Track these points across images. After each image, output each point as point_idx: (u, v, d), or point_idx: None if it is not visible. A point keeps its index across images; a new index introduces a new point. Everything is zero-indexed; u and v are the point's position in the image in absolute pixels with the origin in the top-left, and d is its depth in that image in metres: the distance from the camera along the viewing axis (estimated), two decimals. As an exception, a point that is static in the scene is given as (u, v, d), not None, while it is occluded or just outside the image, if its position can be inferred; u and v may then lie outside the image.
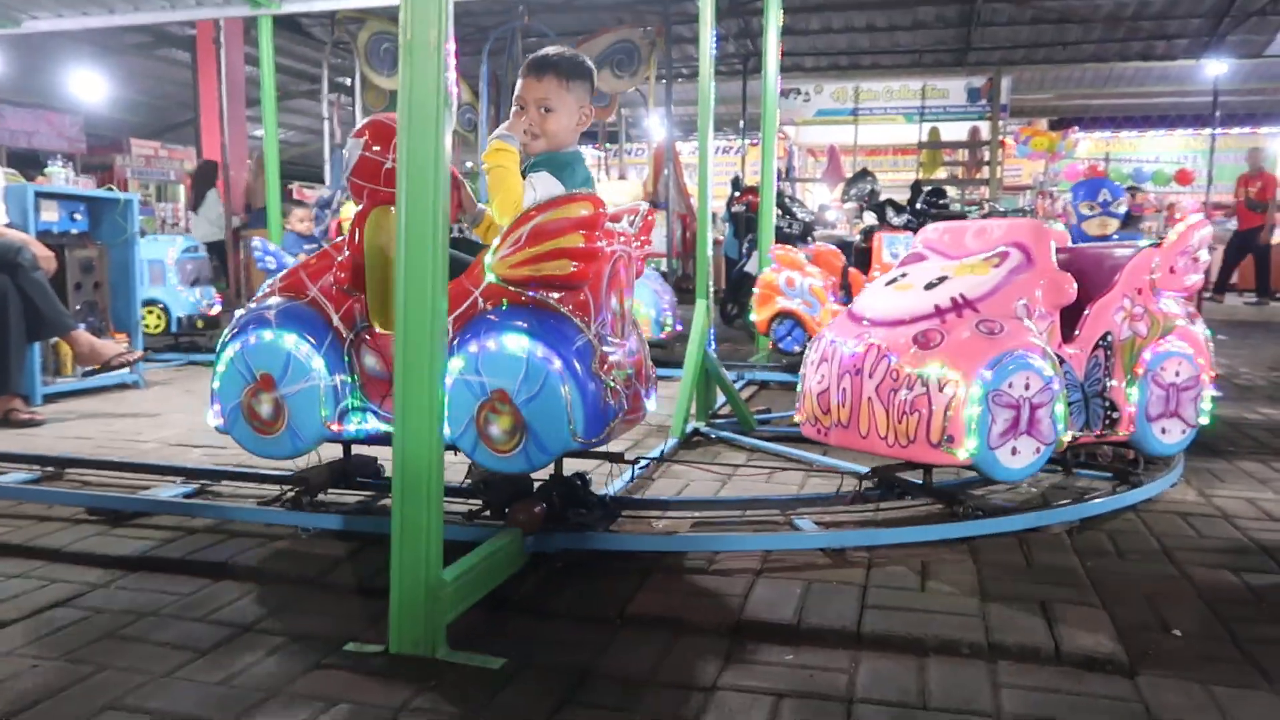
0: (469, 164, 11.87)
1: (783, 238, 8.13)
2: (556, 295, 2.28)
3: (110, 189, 5.77)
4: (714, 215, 10.63)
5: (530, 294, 2.29)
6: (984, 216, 9.79)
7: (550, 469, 2.50)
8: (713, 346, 4.22)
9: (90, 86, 14.40)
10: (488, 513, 2.53)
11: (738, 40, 13.68)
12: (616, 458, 2.70)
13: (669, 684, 1.77)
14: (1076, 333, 2.81)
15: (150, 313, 7.09)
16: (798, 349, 6.02)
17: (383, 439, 2.50)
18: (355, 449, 2.83)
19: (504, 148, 2.39)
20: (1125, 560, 2.43)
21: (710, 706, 1.68)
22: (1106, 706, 1.68)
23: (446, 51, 1.80)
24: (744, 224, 9.12)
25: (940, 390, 2.47)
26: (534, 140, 2.47)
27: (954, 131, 15.27)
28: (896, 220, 8.64)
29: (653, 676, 1.80)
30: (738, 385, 5.02)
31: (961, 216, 9.82)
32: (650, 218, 2.68)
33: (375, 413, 2.49)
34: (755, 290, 6.21)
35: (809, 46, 14.52)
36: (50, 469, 3.23)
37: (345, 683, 1.76)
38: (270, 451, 2.54)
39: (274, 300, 2.55)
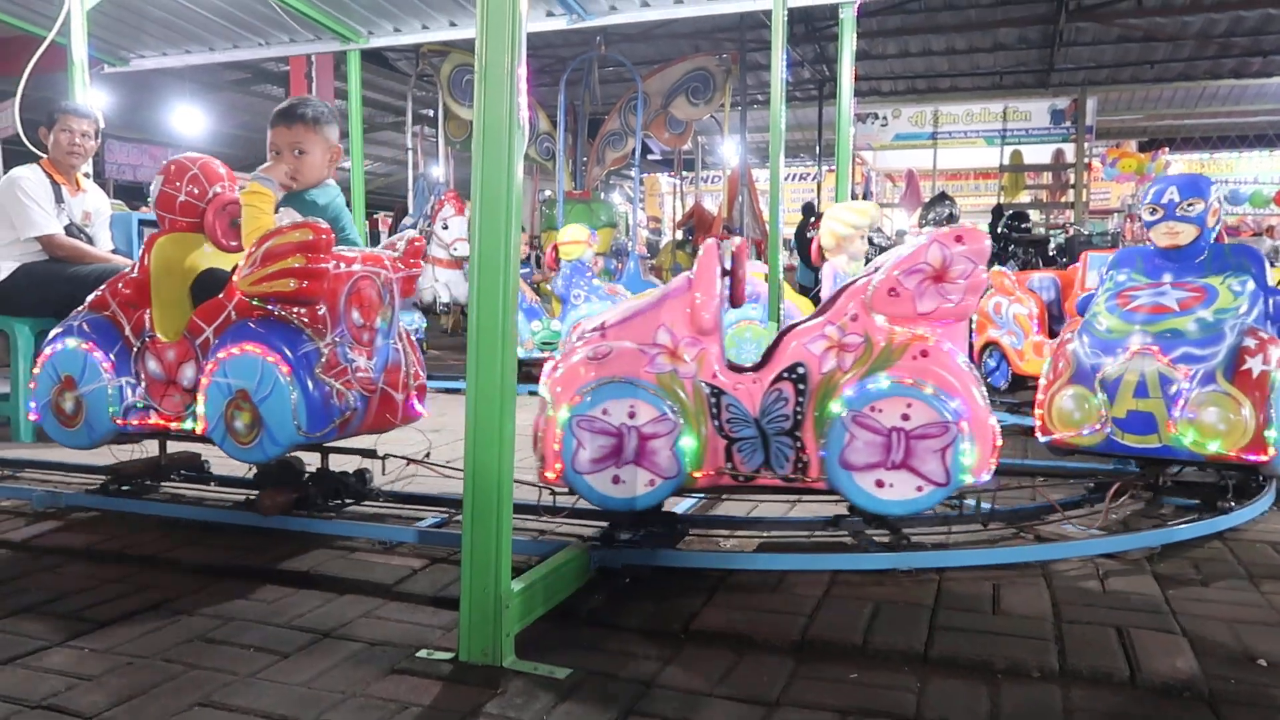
0: (547, 191, 12.09)
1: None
2: (298, 309, 2.64)
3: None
4: (785, 242, 10.61)
5: (270, 307, 2.65)
6: (1068, 240, 9.57)
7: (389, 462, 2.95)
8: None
9: (190, 121, 15.13)
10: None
11: (813, 66, 13.68)
12: (370, 454, 2.97)
13: (731, 698, 1.78)
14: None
15: None
16: (1003, 385, 5.57)
17: (168, 435, 2.98)
18: (187, 446, 3.24)
19: (259, 190, 2.77)
20: (1209, 588, 2.35)
21: (773, 721, 1.69)
22: (1184, 734, 1.64)
23: (519, 77, 1.88)
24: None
25: (542, 413, 2.46)
26: (293, 181, 2.87)
27: (1037, 154, 14.99)
28: (976, 244, 8.52)
29: (715, 690, 1.81)
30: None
31: (1045, 241, 9.62)
32: (418, 244, 3.02)
33: (156, 410, 2.87)
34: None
35: (886, 70, 14.44)
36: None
37: (416, 688, 1.82)
38: (72, 442, 2.95)
39: (83, 313, 2.96)
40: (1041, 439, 3.05)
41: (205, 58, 6.26)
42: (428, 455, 3.14)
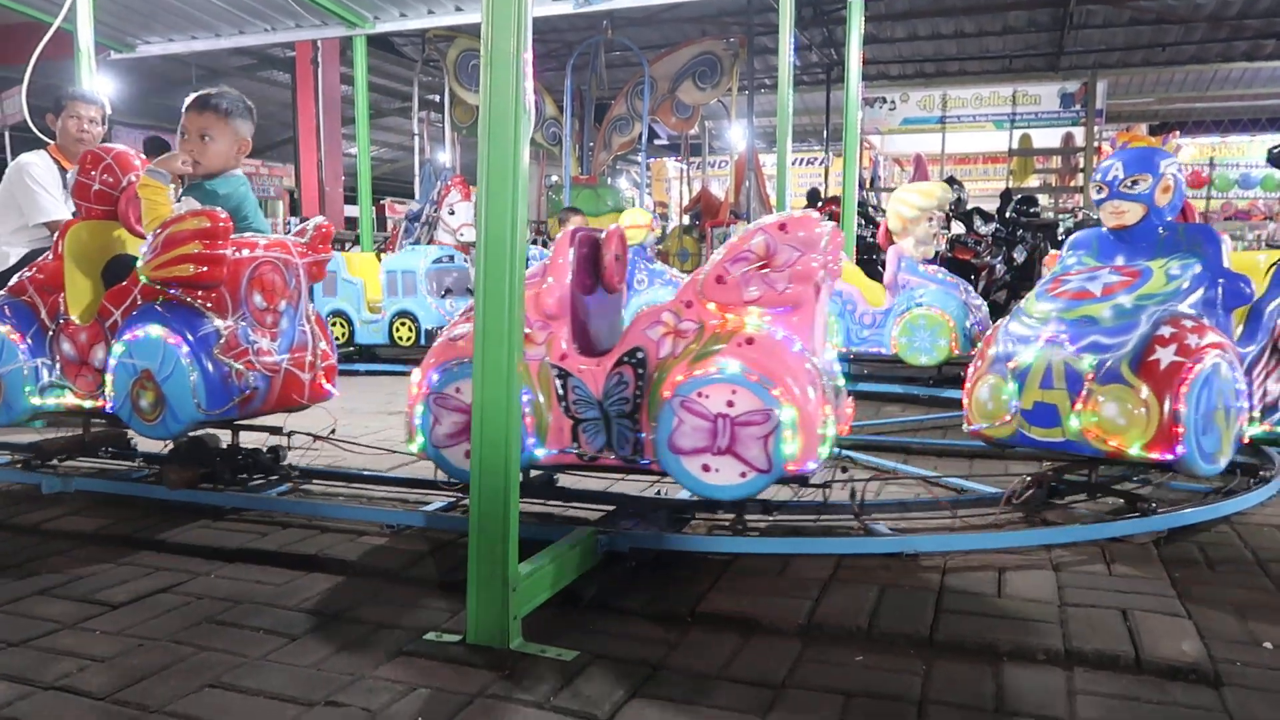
0: (554, 177, 12.07)
1: (865, 247, 8.06)
2: (199, 293, 2.77)
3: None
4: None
5: (172, 291, 2.79)
6: (1077, 225, 9.52)
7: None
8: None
9: (197, 108, 15.09)
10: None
11: (821, 50, 13.60)
12: (276, 431, 3.16)
13: (738, 680, 1.79)
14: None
15: (403, 324, 6.97)
16: None
17: (81, 412, 3.10)
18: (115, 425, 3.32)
19: (150, 182, 2.87)
20: (1215, 571, 2.35)
21: (778, 703, 1.70)
22: (1189, 717, 1.64)
23: (525, 61, 1.87)
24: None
25: (410, 391, 2.64)
26: (196, 165, 2.94)
27: (1047, 138, 14.88)
28: (984, 229, 8.49)
29: (722, 673, 1.82)
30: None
31: (1054, 225, 9.57)
32: (325, 229, 3.14)
33: (70, 389, 3.01)
34: None
35: (894, 54, 14.34)
36: (157, 466, 3.40)
37: (424, 669, 1.83)
38: None
39: (2, 298, 3.11)
40: (965, 430, 2.93)
41: (211, 43, 6.26)
42: (333, 432, 3.30)
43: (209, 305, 2.80)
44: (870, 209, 8.95)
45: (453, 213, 7.85)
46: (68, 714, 1.67)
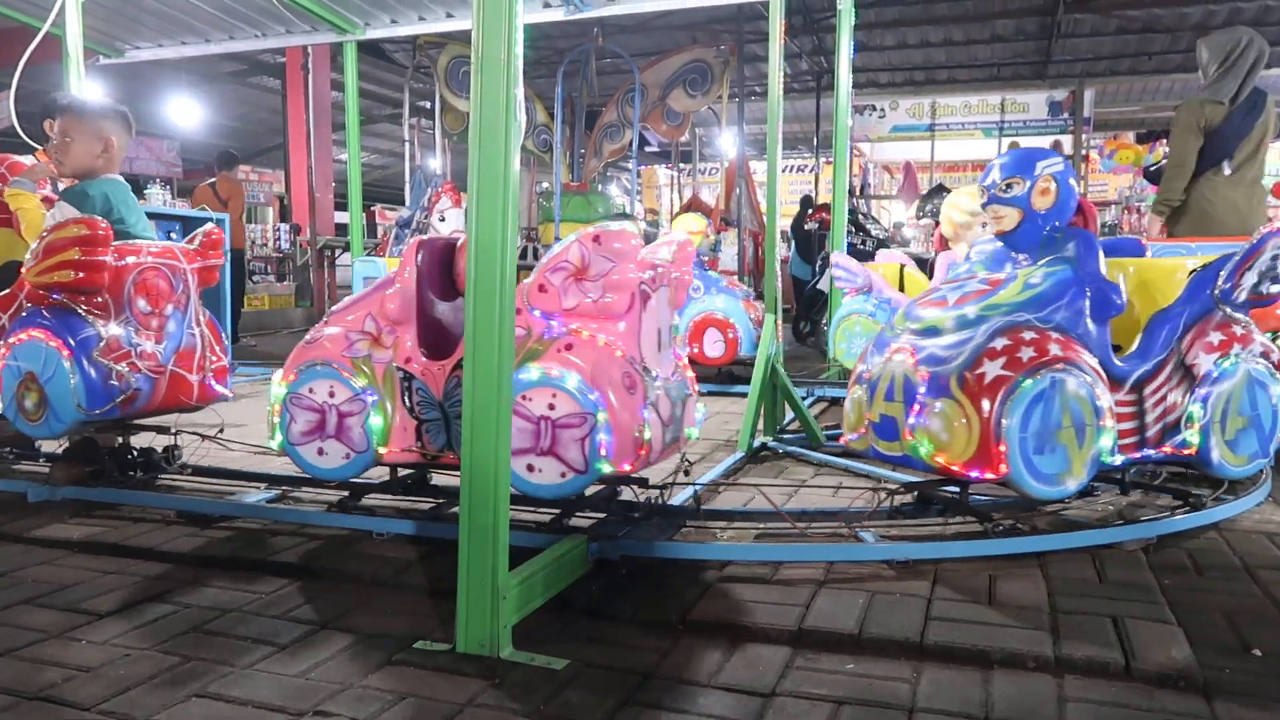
0: (544, 184, 12.07)
1: (856, 255, 8.08)
2: (82, 298, 2.88)
3: (204, 209, 6.04)
4: (782, 234, 10.60)
5: (55, 296, 2.90)
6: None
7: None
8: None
9: (187, 113, 15.08)
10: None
11: (811, 58, 13.65)
12: (164, 430, 3.34)
13: (729, 688, 1.79)
14: None
15: None
16: None
17: None
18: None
19: (15, 193, 3.10)
20: (1204, 578, 2.36)
21: (769, 711, 1.69)
22: (1178, 724, 1.64)
23: (516, 69, 1.87)
24: (817, 242, 9.09)
25: (272, 391, 2.77)
26: (60, 166, 3.08)
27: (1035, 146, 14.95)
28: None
29: (712, 681, 1.82)
30: (807, 402, 5.00)
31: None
32: (215, 235, 3.28)
33: None
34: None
35: (884, 62, 14.41)
36: (144, 475, 3.39)
37: (414, 679, 1.82)
38: None
39: None
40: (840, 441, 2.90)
41: (201, 49, 6.23)
42: (220, 431, 3.46)
43: (91, 310, 2.92)
44: (860, 216, 8.98)
45: (443, 219, 7.84)
46: (53, 724, 1.66)
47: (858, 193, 13.48)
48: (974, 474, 2.43)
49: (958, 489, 2.67)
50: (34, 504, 3.10)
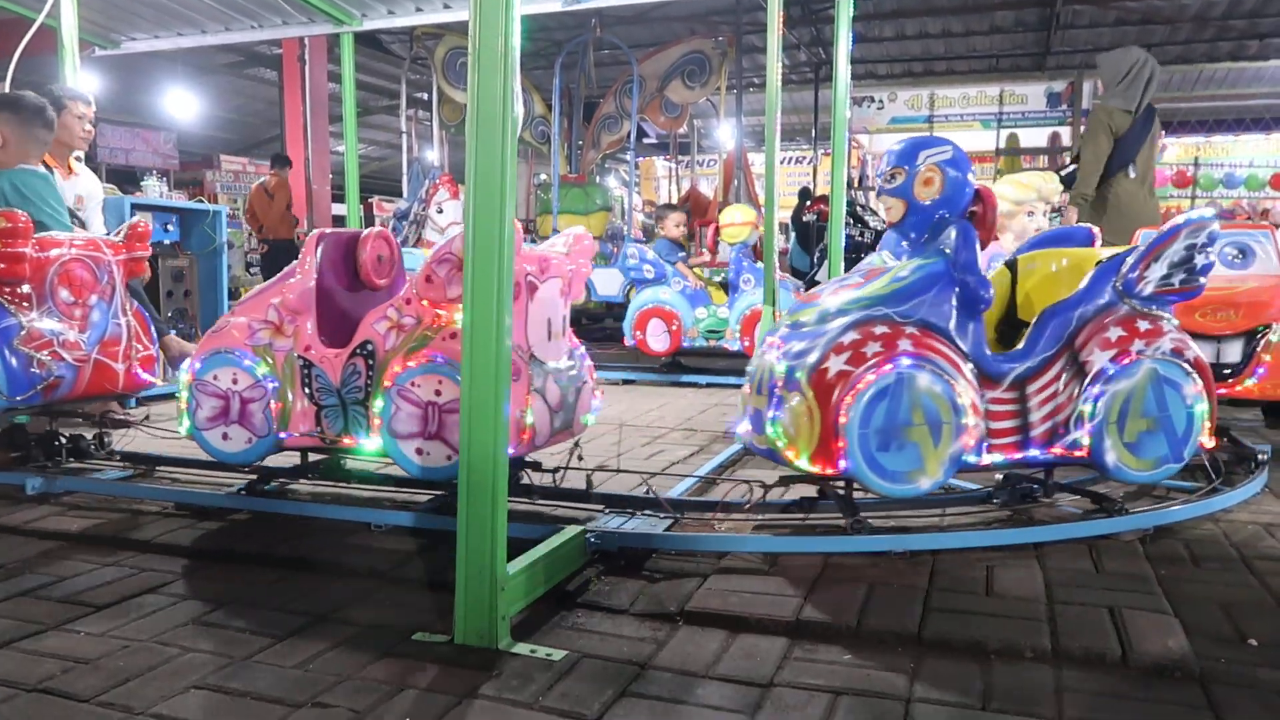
0: (542, 175, 12.05)
1: (855, 246, 8.07)
2: (4, 289, 2.95)
3: (200, 201, 6.03)
4: (781, 225, 10.58)
5: None
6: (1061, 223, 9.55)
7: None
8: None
9: (183, 105, 15.05)
10: None
11: (809, 49, 13.62)
12: (88, 417, 3.53)
13: (726, 679, 1.79)
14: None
15: None
16: None
17: None
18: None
19: None
20: (1201, 569, 2.36)
21: (767, 701, 1.70)
22: (1175, 714, 1.65)
23: (513, 60, 1.86)
24: (815, 233, 9.08)
25: (181, 378, 2.86)
26: None
27: (1033, 138, 14.94)
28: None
29: (710, 671, 1.82)
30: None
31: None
32: (140, 229, 3.34)
33: None
34: None
35: (883, 53, 14.37)
36: (143, 467, 3.40)
37: (412, 670, 1.83)
38: None
39: None
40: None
41: (197, 40, 6.20)
42: (147, 418, 3.65)
43: (12, 300, 2.98)
44: (859, 208, 8.96)
45: (441, 211, 7.82)
46: (52, 716, 1.66)
47: (856, 184, 13.48)
48: (818, 469, 2.42)
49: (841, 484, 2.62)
50: (32, 496, 3.10)
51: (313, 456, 3.05)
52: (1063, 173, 6.17)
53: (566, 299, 2.78)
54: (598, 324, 9.90)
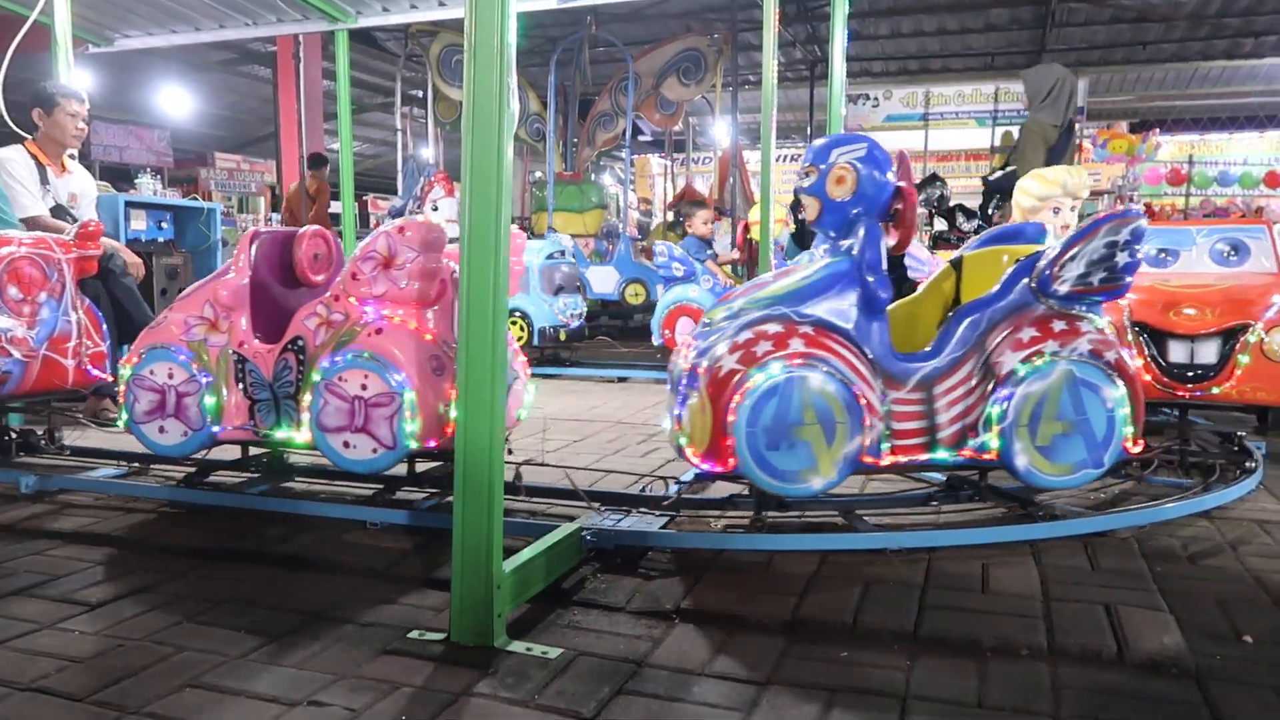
0: (538, 173, 12.04)
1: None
2: None
3: (194, 198, 6.01)
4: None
5: None
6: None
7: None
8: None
9: (177, 102, 14.98)
10: None
11: (805, 46, 13.62)
12: (37, 411, 3.64)
13: (722, 677, 1.79)
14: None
15: (513, 323, 6.50)
16: None
17: None
18: None
19: None
20: (1196, 565, 2.37)
21: (763, 699, 1.70)
22: (1171, 710, 1.65)
23: (509, 57, 1.86)
24: (811, 232, 9.07)
25: (121, 373, 2.92)
26: None
27: (1028, 135, 14.92)
28: (967, 225, 8.51)
29: (707, 669, 1.82)
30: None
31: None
32: (91, 228, 3.41)
33: None
34: None
35: (878, 51, 14.38)
36: (136, 465, 3.39)
37: (408, 668, 1.82)
38: None
39: None
40: None
41: (191, 38, 6.18)
42: (94, 415, 3.70)
43: None
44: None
45: (436, 208, 7.79)
46: (46, 715, 1.65)
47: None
48: (708, 466, 2.42)
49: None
50: (26, 494, 3.09)
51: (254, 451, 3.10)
52: (991, 177, 6.53)
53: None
54: (592, 321, 9.88)
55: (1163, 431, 3.48)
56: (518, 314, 6.66)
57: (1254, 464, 3.18)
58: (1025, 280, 2.54)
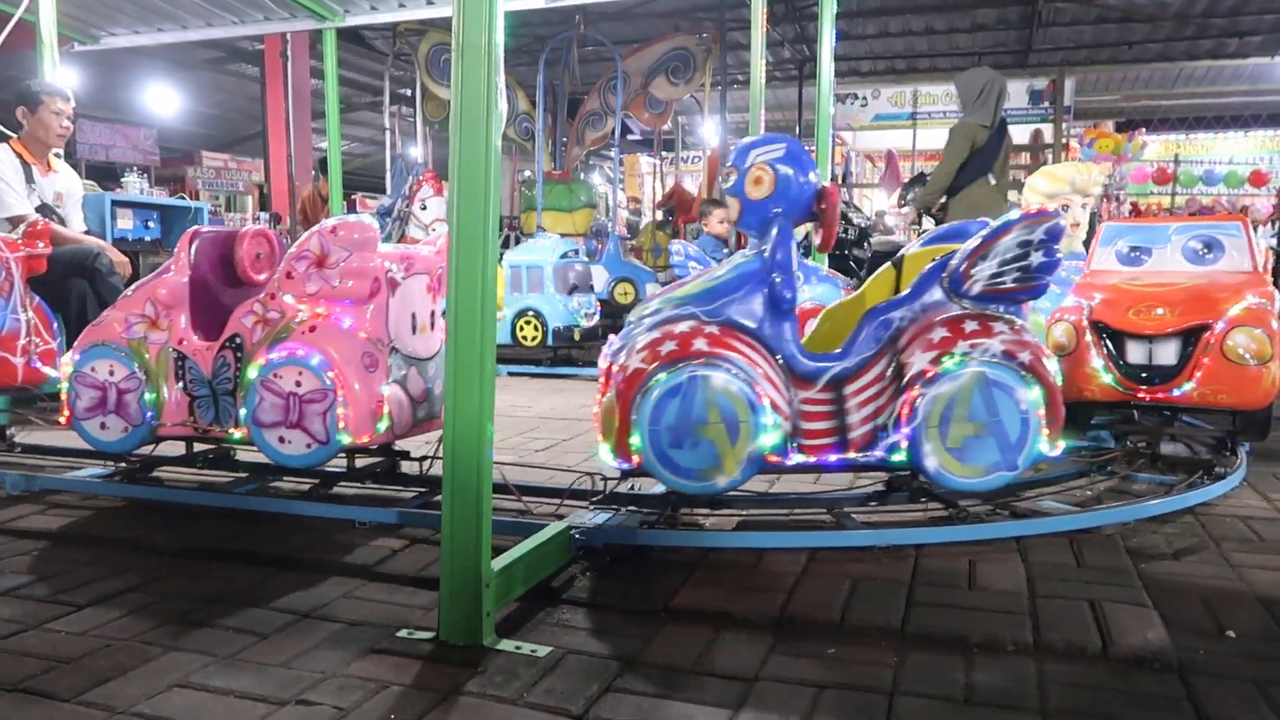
0: (526, 172, 12.02)
1: (839, 243, 8.09)
2: None
3: (181, 197, 5.99)
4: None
5: None
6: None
7: None
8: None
9: (164, 101, 14.90)
10: None
11: (793, 46, 13.64)
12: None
13: (711, 674, 1.80)
14: None
15: (528, 323, 6.62)
16: None
17: None
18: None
19: None
20: (1180, 562, 2.39)
21: (751, 695, 1.70)
22: (1155, 704, 1.67)
23: (497, 56, 1.86)
24: (799, 230, 9.08)
25: (63, 371, 2.95)
26: None
27: (1016, 134, 14.92)
28: (954, 224, 8.54)
29: (696, 666, 1.83)
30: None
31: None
32: (38, 227, 3.44)
33: None
34: None
35: (866, 50, 14.41)
36: (123, 464, 3.37)
37: (397, 667, 1.82)
38: None
39: None
40: None
41: (178, 36, 6.16)
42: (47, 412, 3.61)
43: None
44: (843, 205, 8.98)
45: (425, 208, 7.79)
46: (33, 716, 1.64)
47: (840, 181, 13.49)
48: (620, 463, 2.45)
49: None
50: (12, 494, 3.07)
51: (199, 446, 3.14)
52: (916, 177, 6.64)
53: (436, 295, 2.88)
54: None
55: (1153, 432, 3.49)
56: (532, 314, 6.64)
57: (1237, 460, 3.21)
58: (939, 280, 2.51)
